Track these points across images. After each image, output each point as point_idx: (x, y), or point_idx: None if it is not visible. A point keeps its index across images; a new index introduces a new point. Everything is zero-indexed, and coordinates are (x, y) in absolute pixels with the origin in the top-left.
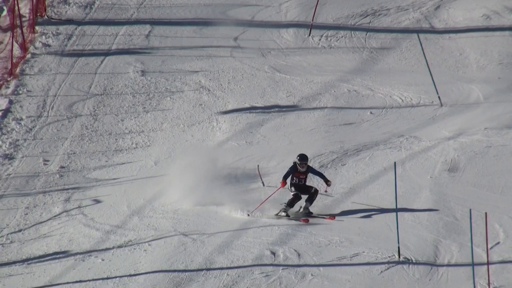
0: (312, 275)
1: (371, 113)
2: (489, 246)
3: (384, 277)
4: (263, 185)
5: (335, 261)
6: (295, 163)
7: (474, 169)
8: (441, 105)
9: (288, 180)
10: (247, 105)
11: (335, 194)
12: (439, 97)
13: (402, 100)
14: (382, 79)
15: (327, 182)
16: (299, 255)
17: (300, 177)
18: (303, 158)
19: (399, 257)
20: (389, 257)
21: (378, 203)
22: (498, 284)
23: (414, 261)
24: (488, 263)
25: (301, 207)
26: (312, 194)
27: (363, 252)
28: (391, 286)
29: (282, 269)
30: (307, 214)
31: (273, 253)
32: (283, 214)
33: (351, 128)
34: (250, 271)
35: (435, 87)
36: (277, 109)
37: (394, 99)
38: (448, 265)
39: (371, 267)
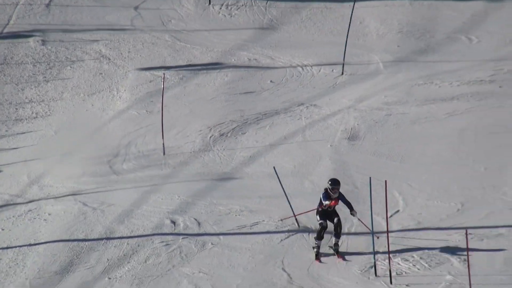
0: (212, 244)
1: (271, 81)
2: (389, 214)
3: (284, 245)
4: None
5: (235, 230)
6: (326, 189)
7: (373, 137)
8: (342, 73)
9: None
10: (148, 74)
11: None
12: (343, 65)
13: (302, 69)
14: (282, 48)
15: (352, 211)
16: (199, 224)
17: (331, 204)
18: (335, 182)
19: (299, 225)
20: (289, 225)
21: (279, 170)
22: (397, 251)
23: (314, 230)
24: (387, 231)
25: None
26: (336, 225)
27: (263, 221)
28: (291, 254)
29: (182, 238)
30: (336, 251)
31: (173, 222)
32: (315, 249)
33: (251, 97)
34: (150, 240)
35: (344, 56)
36: (177, 78)
37: (294, 67)
38: (348, 233)
39: (271, 236)
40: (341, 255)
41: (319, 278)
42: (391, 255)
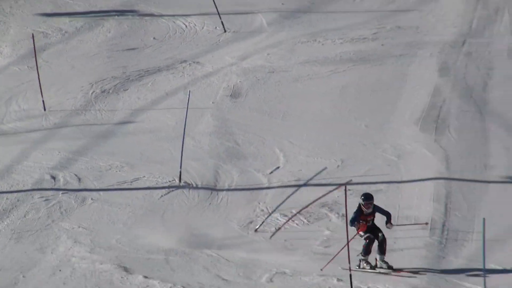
0: (92, 199)
1: (154, 38)
2: (270, 170)
3: (165, 201)
4: None
5: (116, 185)
6: (360, 204)
7: (256, 94)
8: (225, 31)
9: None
10: (29, 30)
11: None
12: (222, 22)
13: (186, 26)
14: (165, 3)
15: (388, 223)
16: (79, 179)
17: (368, 218)
18: (367, 197)
19: (180, 181)
20: (170, 181)
21: (161, 127)
22: (276, 207)
23: (194, 186)
24: (268, 187)
25: (376, 262)
26: (381, 241)
27: (144, 176)
28: (171, 210)
29: (62, 193)
30: (390, 267)
31: (53, 178)
32: (367, 266)
33: (134, 54)
34: (30, 195)
35: (218, 13)
36: (60, 34)
37: (177, 24)
38: (228, 189)
39: (152, 192)
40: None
41: (200, 235)
42: (269, 210)
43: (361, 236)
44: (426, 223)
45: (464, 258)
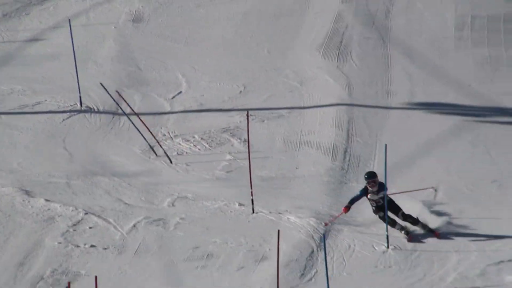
0: None
1: None
2: (172, 95)
3: (66, 125)
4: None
5: (17, 109)
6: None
7: (158, 19)
8: None
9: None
10: None
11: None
12: None
13: None
14: None
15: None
16: None
17: (377, 202)
18: (370, 175)
19: (81, 105)
20: (71, 105)
21: (63, 51)
22: (178, 132)
23: (96, 110)
24: (170, 112)
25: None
26: (404, 220)
27: (46, 100)
28: (72, 134)
29: None
30: (430, 230)
31: None
32: (402, 231)
33: None
34: None
35: None
36: None
37: None
38: (130, 114)
39: (53, 116)
40: (437, 230)
41: (101, 160)
42: (172, 135)
43: (380, 217)
44: (433, 188)
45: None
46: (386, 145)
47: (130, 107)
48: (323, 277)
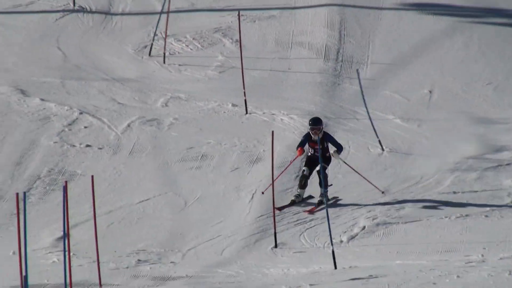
0: None
1: None
2: None
3: (59, 24)
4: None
5: (11, 8)
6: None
7: None
8: None
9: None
10: None
11: None
12: None
13: None
14: None
15: (334, 152)
16: None
17: (316, 147)
18: (314, 122)
19: (74, 5)
20: (64, 5)
21: None
22: (170, 32)
23: (88, 10)
24: (162, 12)
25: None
26: (318, 173)
27: (39, 0)
28: (65, 33)
29: None
30: (320, 202)
31: None
32: (293, 199)
33: None
34: None
35: None
36: None
37: None
38: (123, 14)
39: (47, 15)
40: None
41: (94, 60)
42: (163, 36)
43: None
44: (383, 192)
45: (358, 84)
46: (358, 70)
47: None
48: (317, 179)
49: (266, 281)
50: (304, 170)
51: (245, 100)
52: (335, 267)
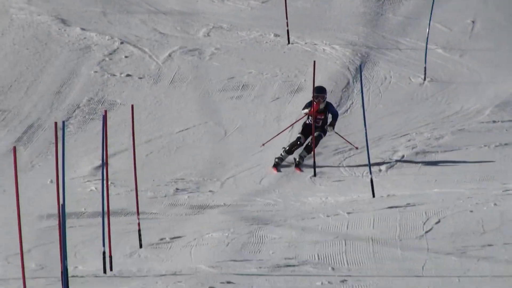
0: None
1: None
2: None
3: None
4: None
5: None
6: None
7: None
8: None
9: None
10: None
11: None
12: None
13: None
14: None
15: (329, 125)
16: None
17: (318, 117)
18: (319, 90)
19: None
20: None
21: None
22: None
23: None
24: None
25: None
26: (311, 140)
27: None
28: None
29: None
30: (298, 164)
31: None
32: (276, 160)
33: None
34: None
35: None
36: None
37: None
38: None
39: None
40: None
41: None
42: None
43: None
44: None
45: (402, 15)
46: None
47: None
48: (359, 109)
49: (304, 209)
50: (299, 138)
51: (288, 30)
52: (373, 196)
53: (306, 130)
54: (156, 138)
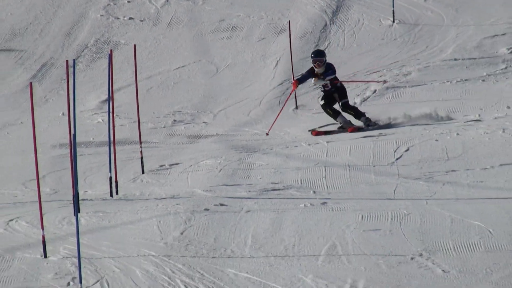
0: None
1: None
2: None
3: None
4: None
5: None
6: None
7: None
8: None
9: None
10: None
11: None
12: None
13: None
14: None
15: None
16: None
17: (323, 84)
18: (316, 54)
19: None
20: None
21: None
22: None
23: None
24: None
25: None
26: (343, 110)
27: None
28: None
29: None
30: (369, 124)
31: None
32: (342, 124)
33: None
34: None
35: None
36: None
37: None
38: None
39: None
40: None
41: None
42: None
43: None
44: (385, 81)
45: None
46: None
47: None
48: (335, 48)
49: (287, 138)
50: (331, 109)
51: None
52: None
53: (329, 99)
54: (155, 75)
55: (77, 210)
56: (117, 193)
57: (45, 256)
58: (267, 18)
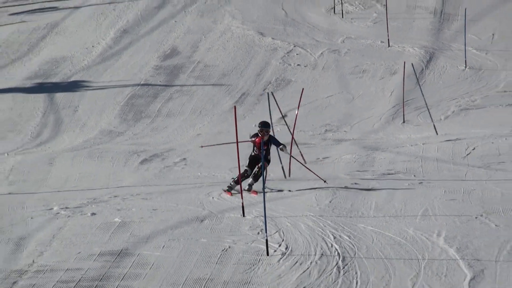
0: None
1: None
2: None
3: None
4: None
5: None
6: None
7: None
8: None
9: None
10: None
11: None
12: None
13: None
14: None
15: (281, 147)
16: None
17: (265, 147)
18: (264, 125)
19: None
20: None
21: None
22: None
23: None
24: None
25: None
26: (257, 169)
27: None
28: None
29: None
30: (249, 189)
31: None
32: (225, 188)
33: None
34: None
35: None
36: None
37: None
38: None
39: None
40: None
41: None
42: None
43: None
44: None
45: (453, 30)
46: None
47: None
48: (428, 84)
49: (397, 142)
50: (246, 170)
51: (388, 39)
52: (436, 133)
53: (253, 161)
54: (313, 101)
55: (264, 186)
56: (289, 175)
57: (243, 216)
58: (385, 64)
